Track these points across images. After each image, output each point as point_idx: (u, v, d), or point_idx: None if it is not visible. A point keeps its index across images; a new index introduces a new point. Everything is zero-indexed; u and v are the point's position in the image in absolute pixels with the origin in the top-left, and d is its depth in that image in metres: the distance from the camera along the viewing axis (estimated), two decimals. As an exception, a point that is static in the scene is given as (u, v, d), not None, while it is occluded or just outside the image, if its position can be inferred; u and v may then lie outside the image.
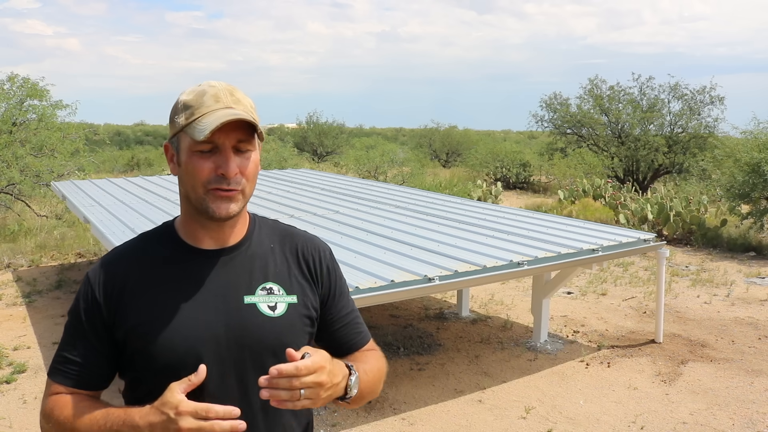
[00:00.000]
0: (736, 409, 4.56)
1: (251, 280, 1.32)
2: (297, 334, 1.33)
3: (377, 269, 4.15)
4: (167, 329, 1.24)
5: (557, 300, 7.22)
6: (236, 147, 1.24)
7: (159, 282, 1.28)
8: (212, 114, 1.21)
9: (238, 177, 1.24)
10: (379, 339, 5.78)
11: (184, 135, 1.25)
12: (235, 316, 1.27)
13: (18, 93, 11.33)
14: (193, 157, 1.24)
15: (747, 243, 10.01)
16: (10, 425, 4.21)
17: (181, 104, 1.26)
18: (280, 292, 1.33)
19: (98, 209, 6.46)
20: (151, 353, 1.24)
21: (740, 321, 6.56)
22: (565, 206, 13.70)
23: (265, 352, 1.28)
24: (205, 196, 1.24)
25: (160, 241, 1.34)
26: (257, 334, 1.28)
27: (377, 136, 31.23)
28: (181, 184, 1.30)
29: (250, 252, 1.34)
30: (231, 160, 1.23)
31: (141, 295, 1.27)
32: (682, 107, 18.89)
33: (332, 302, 1.42)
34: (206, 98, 1.24)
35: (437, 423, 4.33)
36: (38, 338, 5.86)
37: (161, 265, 1.30)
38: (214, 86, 1.26)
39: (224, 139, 1.22)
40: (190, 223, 1.32)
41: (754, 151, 10.37)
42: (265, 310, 1.30)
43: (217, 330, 1.26)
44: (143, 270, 1.29)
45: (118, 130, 42.66)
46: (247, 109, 1.26)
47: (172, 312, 1.25)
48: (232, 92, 1.26)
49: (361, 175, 17.65)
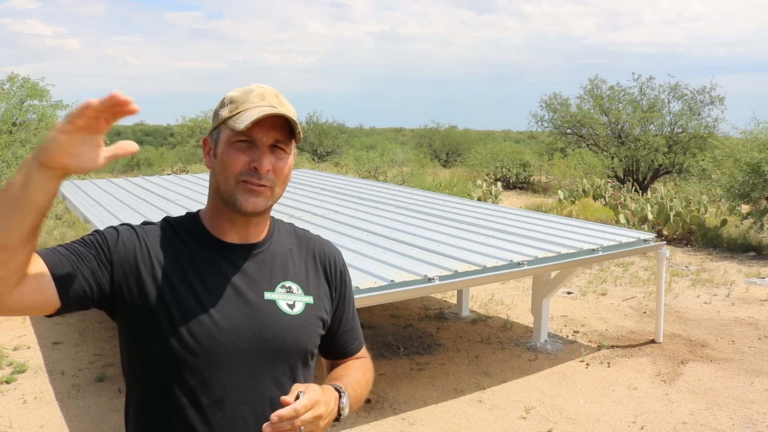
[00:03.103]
0: (736, 409, 4.56)
1: (272, 277, 1.33)
2: (311, 334, 1.35)
3: (377, 269, 4.15)
4: (188, 317, 1.24)
5: (557, 300, 7.22)
6: (273, 146, 1.27)
7: (182, 263, 1.28)
8: (255, 109, 1.25)
9: (270, 174, 1.26)
10: (379, 339, 5.80)
11: (224, 127, 1.28)
12: (255, 311, 1.29)
13: (18, 93, 11.33)
14: (230, 148, 1.26)
15: (747, 243, 10.01)
16: (10, 425, 4.21)
17: (227, 99, 1.30)
18: (299, 291, 1.35)
19: (98, 209, 6.46)
20: (169, 337, 1.23)
21: (740, 321, 6.56)
22: (565, 206, 13.70)
23: (280, 349, 1.29)
24: (236, 188, 1.26)
25: (186, 228, 1.34)
26: (276, 329, 1.29)
27: (377, 136, 31.24)
28: (213, 176, 1.32)
29: (271, 250, 1.36)
30: (266, 156, 1.26)
31: (166, 275, 1.26)
32: (682, 107, 18.91)
33: (341, 307, 1.45)
34: (252, 96, 1.27)
35: (437, 423, 4.33)
36: (38, 338, 5.86)
37: (186, 248, 1.30)
38: (261, 87, 1.30)
39: (262, 135, 1.25)
40: (217, 217, 1.33)
41: (754, 151, 10.37)
42: (284, 307, 1.31)
43: (238, 322, 1.27)
44: (169, 246, 1.29)
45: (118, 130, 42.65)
46: (290, 112, 1.28)
47: (194, 300, 1.25)
48: (278, 95, 1.30)
49: (361, 175, 17.65)
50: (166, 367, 1.24)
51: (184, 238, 1.32)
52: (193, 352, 1.23)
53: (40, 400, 4.60)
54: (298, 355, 1.33)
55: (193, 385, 1.24)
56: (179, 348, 1.23)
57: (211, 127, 1.34)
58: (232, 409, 1.26)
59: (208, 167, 1.34)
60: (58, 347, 5.63)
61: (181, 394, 1.25)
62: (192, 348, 1.23)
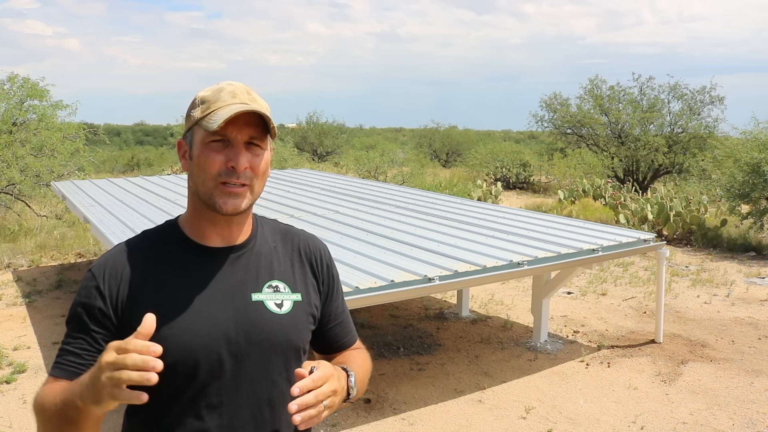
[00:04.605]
0: (736, 409, 4.56)
1: (258, 278, 1.33)
2: (302, 331, 1.35)
3: (377, 269, 4.15)
4: (177, 326, 1.23)
5: (557, 300, 7.22)
6: (248, 143, 1.26)
7: (166, 278, 1.27)
8: (227, 107, 1.24)
9: (247, 171, 1.26)
10: (379, 339, 5.80)
11: (198, 128, 1.27)
12: (243, 314, 1.28)
13: (18, 93, 11.34)
14: (205, 149, 1.25)
15: (747, 243, 10.01)
16: (10, 425, 4.21)
17: (198, 99, 1.29)
18: (286, 290, 1.35)
19: (98, 209, 6.46)
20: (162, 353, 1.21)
21: (740, 321, 6.56)
22: (565, 206, 13.70)
23: (272, 349, 1.29)
24: (214, 190, 1.25)
25: (164, 238, 1.33)
26: (266, 331, 1.29)
27: (377, 136, 31.24)
28: (191, 179, 1.30)
29: (255, 250, 1.35)
30: (242, 154, 1.25)
31: (148, 290, 1.26)
32: (682, 107, 18.93)
33: (330, 300, 1.45)
34: (223, 94, 1.26)
35: (437, 423, 4.33)
36: (38, 338, 5.86)
37: (168, 261, 1.29)
38: (232, 84, 1.29)
39: (236, 133, 1.24)
40: (198, 220, 1.32)
41: (754, 151, 10.38)
42: (272, 307, 1.31)
43: (228, 327, 1.26)
44: (150, 265, 1.28)
45: (118, 130, 42.68)
46: (263, 107, 1.27)
47: (182, 308, 1.24)
48: (249, 92, 1.29)
49: (361, 175, 17.65)
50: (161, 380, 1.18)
51: (163, 249, 1.31)
52: (187, 364, 1.22)
53: (40, 400, 4.60)
54: (291, 352, 1.33)
55: (191, 394, 1.24)
56: (172, 362, 1.20)
57: (185, 129, 1.32)
58: (231, 413, 1.26)
59: (185, 170, 1.33)
60: (58, 347, 5.62)
61: (179, 404, 1.24)
62: (185, 360, 1.22)
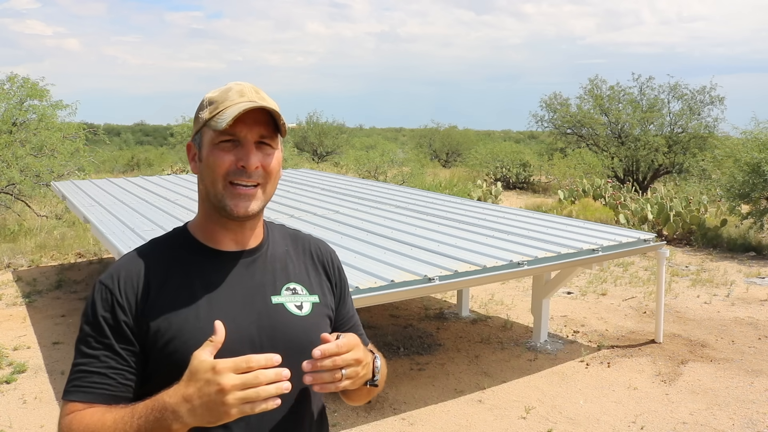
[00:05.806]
0: (736, 409, 4.56)
1: (275, 281, 1.31)
2: (322, 332, 1.33)
3: (377, 269, 4.15)
4: (201, 332, 1.17)
5: (557, 300, 7.22)
6: (259, 142, 1.24)
7: (183, 283, 1.24)
8: (236, 105, 1.21)
9: (259, 170, 1.23)
10: (379, 339, 5.80)
11: (206, 129, 1.24)
12: (265, 317, 1.26)
13: (18, 93, 11.34)
14: (215, 150, 1.22)
15: (747, 243, 10.01)
16: (10, 425, 4.21)
17: (206, 100, 1.27)
18: (303, 292, 1.33)
19: (98, 209, 6.46)
20: (186, 359, 1.12)
21: (740, 321, 6.56)
22: (565, 206, 13.70)
23: (295, 351, 1.26)
24: (224, 192, 1.22)
25: (176, 245, 1.30)
26: (288, 333, 1.27)
27: (377, 136, 31.23)
28: (201, 182, 1.28)
29: (270, 253, 1.34)
30: (252, 153, 1.22)
31: (165, 297, 1.22)
32: (681, 107, 18.92)
33: (341, 303, 1.44)
34: (231, 93, 1.24)
35: (437, 423, 4.33)
36: (38, 338, 5.86)
37: (182, 267, 1.26)
38: (240, 84, 1.27)
39: (246, 132, 1.22)
40: (210, 225, 1.29)
41: (754, 151, 10.37)
42: (293, 309, 1.30)
43: (251, 331, 1.24)
44: (164, 272, 1.25)
45: (118, 130, 42.69)
46: (272, 105, 1.25)
47: (204, 315, 1.21)
48: (258, 91, 1.27)
49: (361, 175, 17.65)
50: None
51: (176, 255, 1.27)
52: None
53: (40, 400, 4.61)
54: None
55: None
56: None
57: (193, 131, 1.29)
58: (254, 417, 1.20)
59: (194, 173, 1.30)
60: (58, 347, 5.63)
61: None
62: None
